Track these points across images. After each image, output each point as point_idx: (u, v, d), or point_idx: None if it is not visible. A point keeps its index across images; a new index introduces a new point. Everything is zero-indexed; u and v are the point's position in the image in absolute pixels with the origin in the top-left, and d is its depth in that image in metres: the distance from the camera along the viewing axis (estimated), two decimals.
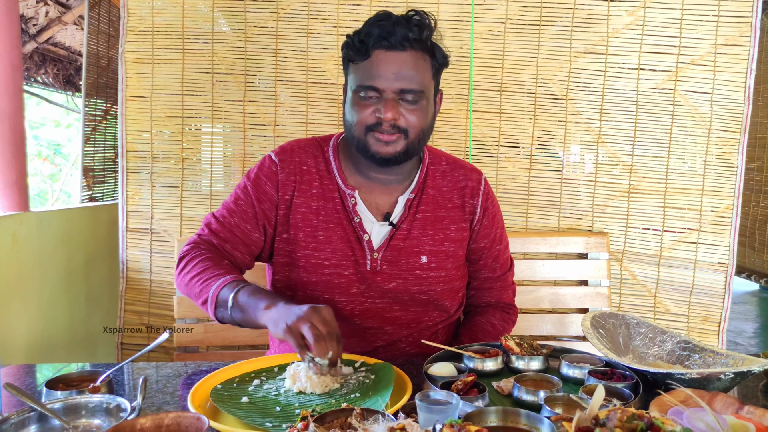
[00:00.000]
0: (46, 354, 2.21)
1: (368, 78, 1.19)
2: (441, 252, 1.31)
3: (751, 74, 2.01)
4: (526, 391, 0.96)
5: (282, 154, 1.34)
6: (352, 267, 1.29)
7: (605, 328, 1.24)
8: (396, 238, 1.29)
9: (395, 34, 1.17)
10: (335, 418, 0.81)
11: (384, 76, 1.18)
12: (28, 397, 0.85)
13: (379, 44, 1.18)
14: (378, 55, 1.19)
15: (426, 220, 1.31)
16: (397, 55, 1.18)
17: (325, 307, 1.03)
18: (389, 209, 1.31)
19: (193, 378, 1.14)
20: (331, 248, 1.29)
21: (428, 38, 1.22)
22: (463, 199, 1.35)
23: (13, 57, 2.08)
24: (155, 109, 2.18)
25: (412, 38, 1.18)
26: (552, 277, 2.02)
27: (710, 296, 2.09)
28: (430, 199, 1.33)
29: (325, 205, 1.30)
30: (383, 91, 1.19)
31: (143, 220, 2.21)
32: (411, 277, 1.30)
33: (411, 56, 1.19)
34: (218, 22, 2.18)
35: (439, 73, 1.28)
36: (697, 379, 0.98)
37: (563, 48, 2.09)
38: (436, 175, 1.36)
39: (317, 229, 1.29)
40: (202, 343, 1.88)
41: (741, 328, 4.43)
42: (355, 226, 1.29)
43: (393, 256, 1.29)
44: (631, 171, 2.10)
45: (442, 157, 1.39)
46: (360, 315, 1.30)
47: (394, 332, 1.33)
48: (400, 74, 1.18)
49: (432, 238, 1.31)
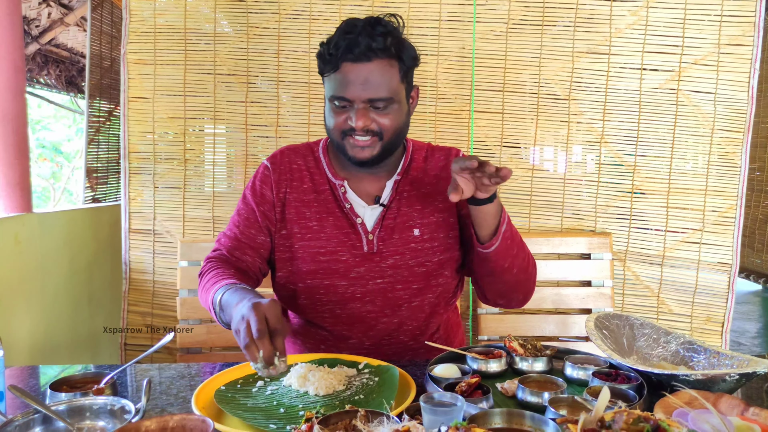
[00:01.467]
0: (50, 355, 2.21)
1: (338, 89, 1.25)
2: (432, 223, 1.36)
3: (754, 74, 2.01)
4: (530, 393, 0.96)
5: (274, 158, 1.43)
6: (348, 252, 1.34)
7: (609, 329, 1.24)
8: (387, 217, 1.35)
9: (359, 45, 1.21)
10: (339, 420, 0.81)
11: (352, 88, 1.23)
12: (32, 399, 0.85)
13: (345, 57, 1.23)
14: (345, 68, 1.23)
15: (412, 198, 1.37)
16: (363, 67, 1.23)
17: (266, 303, 1.00)
18: (378, 193, 1.38)
19: (196, 379, 1.14)
20: (326, 236, 1.34)
21: (393, 44, 1.25)
22: (447, 172, 1.41)
23: (15, 58, 2.08)
24: (157, 110, 2.19)
25: (376, 48, 1.22)
26: (555, 277, 2.01)
27: (713, 296, 2.08)
28: (415, 179, 1.39)
29: (317, 198, 1.37)
30: (353, 101, 1.24)
31: (146, 221, 2.21)
32: (407, 251, 1.34)
33: (377, 66, 1.23)
34: (220, 23, 2.18)
35: (410, 73, 1.32)
36: (702, 380, 0.98)
37: (566, 48, 2.09)
38: (419, 159, 1.43)
39: (311, 220, 1.36)
40: (205, 343, 1.88)
41: (744, 328, 4.42)
42: (347, 212, 1.35)
43: (387, 234, 1.35)
44: (634, 171, 2.10)
45: (423, 146, 1.47)
46: (361, 298, 1.34)
47: (394, 314, 1.34)
48: (368, 85, 1.23)
49: (420, 212, 1.37)
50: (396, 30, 1.28)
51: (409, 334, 1.36)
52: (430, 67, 2.11)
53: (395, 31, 1.28)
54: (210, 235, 2.20)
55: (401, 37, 1.29)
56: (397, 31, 1.28)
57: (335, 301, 1.35)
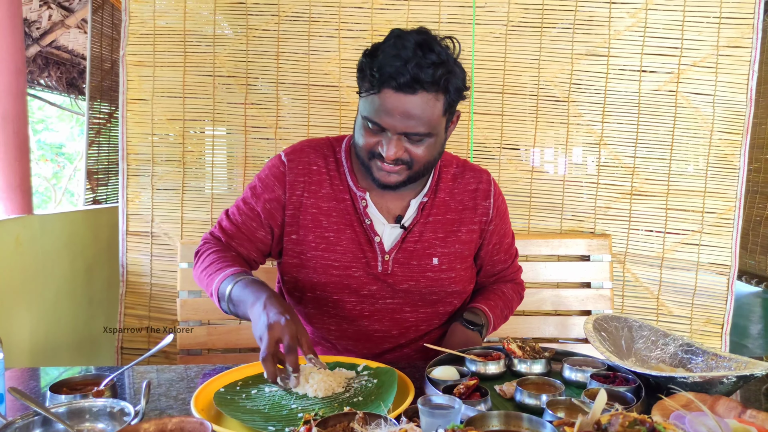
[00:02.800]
0: (50, 356, 2.21)
1: (375, 114, 1.16)
2: (451, 253, 1.32)
3: (753, 76, 2.01)
4: (528, 395, 0.96)
5: (292, 154, 1.34)
6: (363, 269, 1.29)
7: (607, 331, 1.24)
8: (408, 240, 1.29)
9: (405, 75, 1.11)
10: (338, 422, 0.82)
11: (390, 118, 1.15)
12: (32, 401, 0.85)
13: (388, 83, 1.13)
14: (386, 94, 1.14)
15: (438, 223, 1.31)
16: (406, 99, 1.13)
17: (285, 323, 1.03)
18: (401, 212, 1.31)
19: (195, 381, 1.14)
20: (342, 249, 1.28)
21: (443, 77, 1.14)
22: (474, 201, 1.35)
23: (16, 60, 2.08)
24: (156, 112, 2.19)
25: (423, 80, 1.12)
26: (554, 279, 2.01)
27: (712, 298, 2.09)
28: (442, 202, 1.33)
29: (336, 206, 1.30)
30: (388, 130, 1.17)
31: (144, 223, 2.21)
32: (423, 278, 1.30)
33: (421, 99, 1.13)
34: (220, 25, 2.18)
35: (455, 104, 1.22)
36: (700, 382, 0.98)
37: (565, 50, 2.09)
38: (448, 178, 1.36)
39: (327, 230, 1.29)
40: (205, 345, 1.88)
41: (744, 329, 4.42)
42: (366, 228, 1.29)
43: (405, 258, 1.29)
44: (633, 173, 2.10)
45: (452, 161, 1.39)
46: (369, 316, 1.31)
47: (401, 335, 1.34)
48: (407, 118, 1.14)
49: (443, 240, 1.31)
50: (449, 59, 1.16)
51: (414, 347, 1.37)
52: None
53: (448, 60, 1.15)
54: None
55: (452, 67, 1.17)
56: (450, 59, 1.16)
57: (342, 316, 1.31)
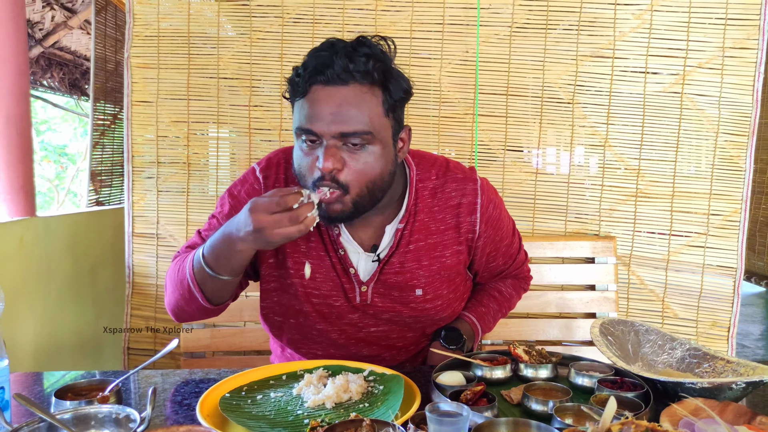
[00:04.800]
0: (53, 359, 2.21)
1: (305, 119, 1.03)
2: (436, 281, 1.21)
3: (759, 77, 2.00)
4: (535, 401, 0.96)
5: (267, 170, 1.22)
6: (344, 298, 1.20)
7: (614, 335, 1.23)
8: (386, 272, 1.18)
9: (333, 65, 1.00)
10: (345, 429, 0.81)
11: (321, 117, 1.01)
12: (37, 407, 0.85)
13: (315, 78, 1.01)
14: (315, 92, 1.02)
15: (420, 250, 1.18)
16: (336, 91, 1.01)
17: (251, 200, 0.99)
18: (376, 240, 1.19)
19: (200, 386, 1.14)
20: (322, 278, 1.19)
21: (377, 69, 1.03)
22: (457, 219, 1.21)
23: (20, 62, 2.08)
24: (161, 114, 2.19)
25: (354, 70, 1.01)
26: (559, 281, 2.01)
27: (719, 301, 2.08)
28: (423, 226, 1.19)
29: (314, 231, 1.18)
30: (321, 135, 1.02)
31: (149, 224, 2.21)
32: (405, 309, 1.21)
33: (353, 91, 1.01)
34: (224, 26, 2.18)
35: (398, 108, 1.09)
36: (708, 388, 0.98)
37: (569, 51, 2.08)
38: (426, 194, 1.20)
39: (307, 256, 1.19)
40: (209, 348, 1.88)
41: (748, 330, 4.41)
42: (341, 258, 1.18)
43: (384, 289, 1.19)
44: (638, 175, 2.09)
45: (431, 170, 1.22)
46: (356, 343, 1.25)
47: (392, 358, 1.29)
48: (340, 114, 1.01)
49: (428, 269, 1.19)
50: (384, 55, 1.06)
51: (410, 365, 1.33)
52: (434, 71, 2.11)
53: (383, 56, 1.06)
54: None
55: (390, 66, 1.07)
56: (385, 56, 1.06)
57: (328, 343, 1.25)
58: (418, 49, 2.09)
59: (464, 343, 1.29)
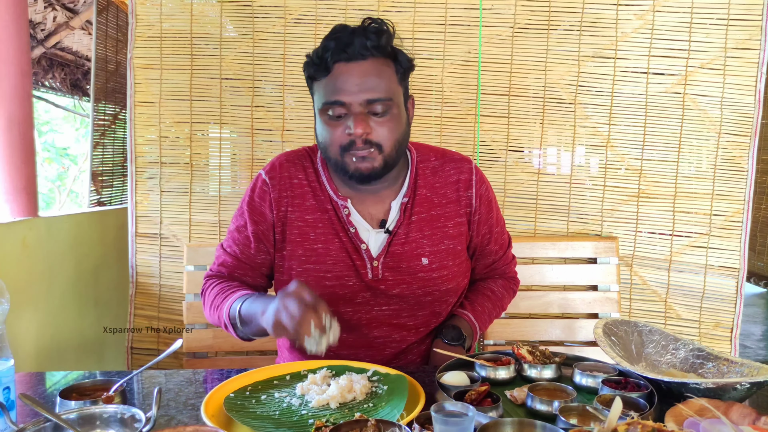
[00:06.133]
0: (56, 359, 2.21)
1: (332, 93, 1.17)
2: (441, 251, 1.29)
3: (761, 78, 2.00)
4: (540, 401, 0.96)
5: (272, 171, 1.33)
6: (355, 277, 1.27)
7: (617, 336, 1.23)
8: (394, 244, 1.27)
9: (353, 44, 1.15)
10: (350, 430, 0.81)
11: (348, 89, 1.15)
12: (43, 407, 0.85)
13: (338, 57, 1.16)
14: (339, 68, 1.16)
15: (422, 221, 1.29)
16: (358, 66, 1.16)
17: (294, 287, 1.05)
18: (384, 216, 1.29)
19: (204, 386, 1.14)
20: (332, 260, 1.27)
21: (388, 44, 1.19)
22: (458, 193, 1.32)
23: (22, 62, 2.08)
24: (164, 115, 2.19)
25: (371, 46, 1.16)
26: (561, 282, 2.01)
27: (721, 301, 2.08)
28: (424, 199, 1.30)
29: (321, 217, 1.28)
30: (350, 105, 1.16)
31: (152, 225, 2.21)
32: (414, 280, 1.28)
33: (373, 64, 1.17)
34: (226, 27, 2.19)
35: (406, 77, 1.25)
36: (713, 388, 0.98)
37: (571, 52, 2.08)
38: (427, 172, 1.32)
39: (315, 242, 1.27)
40: (212, 348, 1.88)
41: (750, 331, 4.40)
42: (352, 237, 1.27)
43: (394, 262, 1.27)
44: (641, 175, 2.09)
45: (429, 153, 1.36)
46: (367, 324, 1.30)
47: (402, 340, 1.32)
48: (365, 84, 1.15)
49: (430, 238, 1.29)
50: (389, 31, 1.22)
51: (416, 353, 1.35)
52: (436, 72, 2.11)
53: (389, 31, 1.21)
54: (216, 240, 2.20)
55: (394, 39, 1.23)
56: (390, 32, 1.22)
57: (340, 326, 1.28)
58: (420, 49, 2.10)
59: (465, 339, 1.33)
